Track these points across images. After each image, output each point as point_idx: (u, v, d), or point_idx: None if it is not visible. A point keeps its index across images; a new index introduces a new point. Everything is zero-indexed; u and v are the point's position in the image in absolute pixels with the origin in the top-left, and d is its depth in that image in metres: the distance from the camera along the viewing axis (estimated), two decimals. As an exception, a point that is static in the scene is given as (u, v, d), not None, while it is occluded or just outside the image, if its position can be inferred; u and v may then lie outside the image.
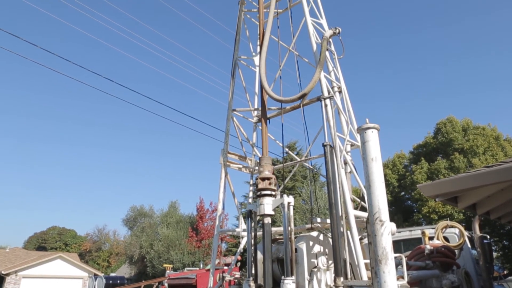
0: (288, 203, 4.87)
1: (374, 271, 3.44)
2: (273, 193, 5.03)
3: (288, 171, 10.33)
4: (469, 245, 8.08)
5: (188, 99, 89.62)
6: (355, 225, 5.01)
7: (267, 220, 4.94)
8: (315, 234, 5.49)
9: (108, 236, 63.73)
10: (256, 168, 6.86)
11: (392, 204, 26.92)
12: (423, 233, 6.72)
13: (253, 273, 5.14)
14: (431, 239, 6.84)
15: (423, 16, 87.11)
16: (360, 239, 5.09)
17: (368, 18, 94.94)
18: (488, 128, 26.95)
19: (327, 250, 5.28)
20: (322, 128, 5.61)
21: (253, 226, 5.36)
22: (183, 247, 36.77)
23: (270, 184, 5.04)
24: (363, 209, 5.39)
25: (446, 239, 7.40)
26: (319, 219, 5.57)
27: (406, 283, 3.89)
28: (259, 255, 5.11)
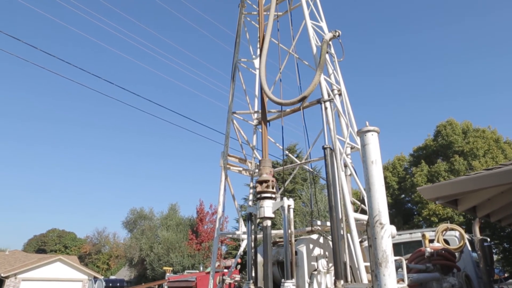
0: (288, 205, 4.87)
1: (374, 274, 3.44)
2: (273, 195, 5.03)
3: (288, 173, 10.32)
4: (469, 247, 8.07)
5: (188, 102, 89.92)
6: (355, 227, 5.01)
7: (267, 222, 4.93)
8: (315, 236, 5.49)
9: (108, 238, 63.58)
10: (256, 170, 6.86)
11: (392, 207, 26.88)
12: (423, 235, 6.70)
13: (253, 276, 5.13)
14: (431, 241, 6.82)
15: (423, 16, 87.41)
16: (360, 242, 5.10)
17: (368, 20, 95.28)
18: (488, 131, 26.99)
19: (327, 253, 5.28)
20: (322, 131, 5.62)
21: (253, 228, 5.36)
22: (183, 250, 36.73)
23: (269, 186, 5.04)
24: (363, 211, 5.38)
25: (447, 241, 7.38)
26: (319, 222, 5.57)
27: (406, 286, 3.89)
28: (259, 258, 5.11)
